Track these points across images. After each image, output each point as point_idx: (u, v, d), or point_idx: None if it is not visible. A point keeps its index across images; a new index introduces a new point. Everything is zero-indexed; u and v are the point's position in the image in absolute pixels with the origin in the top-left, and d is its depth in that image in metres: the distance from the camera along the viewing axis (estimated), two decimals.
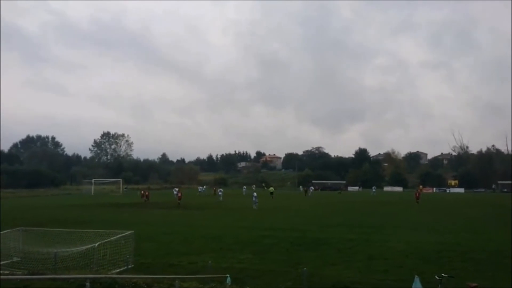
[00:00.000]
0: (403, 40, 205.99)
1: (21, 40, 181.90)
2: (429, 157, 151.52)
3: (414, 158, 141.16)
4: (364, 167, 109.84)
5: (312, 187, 72.05)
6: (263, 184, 64.69)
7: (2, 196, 59.37)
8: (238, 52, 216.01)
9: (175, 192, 52.84)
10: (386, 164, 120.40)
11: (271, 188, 58.89)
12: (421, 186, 54.27)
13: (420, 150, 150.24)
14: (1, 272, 11.25)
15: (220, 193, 54.21)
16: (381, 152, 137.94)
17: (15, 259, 12.35)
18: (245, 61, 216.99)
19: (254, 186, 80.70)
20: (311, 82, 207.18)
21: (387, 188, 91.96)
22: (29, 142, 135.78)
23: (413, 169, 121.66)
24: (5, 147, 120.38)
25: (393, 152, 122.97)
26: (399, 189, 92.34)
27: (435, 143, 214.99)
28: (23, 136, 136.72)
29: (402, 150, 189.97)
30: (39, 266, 11.34)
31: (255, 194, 35.51)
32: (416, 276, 6.33)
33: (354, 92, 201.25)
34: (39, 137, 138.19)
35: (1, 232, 13.27)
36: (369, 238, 17.81)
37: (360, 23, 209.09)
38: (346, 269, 11.86)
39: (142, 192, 49.79)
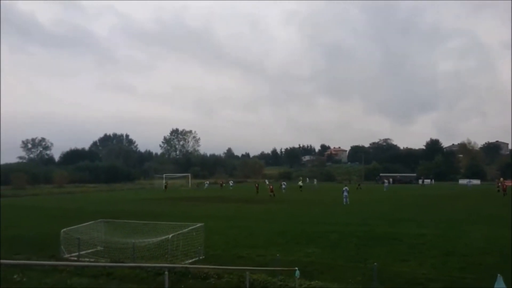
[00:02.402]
0: (482, 19, 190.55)
1: (93, 44, 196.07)
2: (511, 147, 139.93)
3: (493, 148, 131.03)
4: (437, 159, 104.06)
5: (386, 181, 69.65)
6: (300, 178, 63.82)
7: (84, 190, 64.74)
8: (300, 44, 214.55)
9: (231, 184, 72.79)
10: (461, 156, 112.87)
11: (300, 182, 57.76)
12: (502, 179, 50.02)
13: (500, 140, 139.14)
14: (88, 259, 12.33)
15: (283, 186, 54.57)
16: (455, 143, 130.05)
17: (98, 248, 13.44)
18: (308, 53, 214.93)
19: (305, 178, 79.04)
20: (379, 70, 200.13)
21: (462, 181, 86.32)
22: (106, 140, 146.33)
23: (492, 161, 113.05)
24: (86, 145, 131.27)
25: (469, 143, 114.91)
26: (476, 182, 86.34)
27: None
28: (101, 135, 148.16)
29: (479, 140, 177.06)
30: (120, 255, 12.24)
31: (347, 188, 34.95)
32: (498, 275, 5.88)
33: (426, 78, 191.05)
34: (115, 135, 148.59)
35: (85, 224, 14.51)
36: (444, 233, 16.88)
37: (432, 2, 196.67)
38: (419, 266, 11.36)
39: (256, 185, 52.97)
